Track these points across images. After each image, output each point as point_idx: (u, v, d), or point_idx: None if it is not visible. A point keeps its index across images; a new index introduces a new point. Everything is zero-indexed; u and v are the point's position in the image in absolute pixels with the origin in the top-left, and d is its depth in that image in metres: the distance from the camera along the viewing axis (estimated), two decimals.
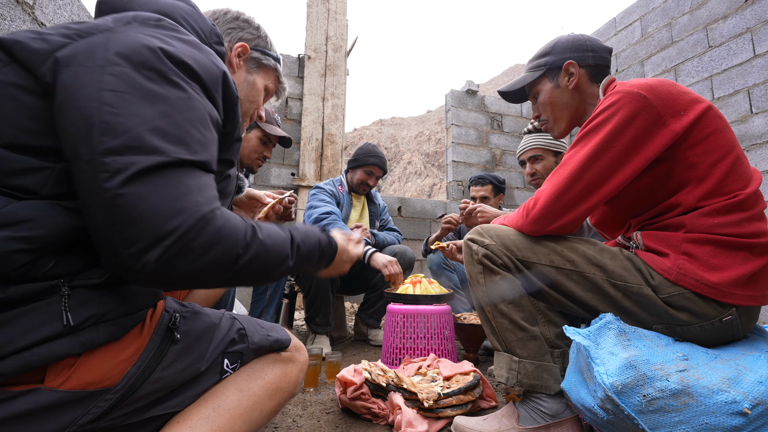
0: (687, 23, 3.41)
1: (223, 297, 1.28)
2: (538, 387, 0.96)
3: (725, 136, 0.89)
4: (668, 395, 0.71)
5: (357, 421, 1.17)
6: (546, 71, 1.13)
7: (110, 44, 0.52)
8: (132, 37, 0.54)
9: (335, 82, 4.14)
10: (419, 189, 30.37)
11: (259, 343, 0.70)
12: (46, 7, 1.30)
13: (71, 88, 0.49)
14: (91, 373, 0.50)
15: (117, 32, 0.54)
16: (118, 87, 0.49)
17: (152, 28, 0.58)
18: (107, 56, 0.51)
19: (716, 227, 0.85)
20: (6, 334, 0.44)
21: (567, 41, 1.11)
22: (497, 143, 4.74)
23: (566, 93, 1.11)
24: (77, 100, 0.48)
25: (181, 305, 0.66)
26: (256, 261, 0.55)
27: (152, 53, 0.53)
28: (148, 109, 0.50)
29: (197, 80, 0.57)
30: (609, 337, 0.80)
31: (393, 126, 43.29)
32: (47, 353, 0.46)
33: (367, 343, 2.32)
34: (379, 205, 2.53)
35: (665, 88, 0.89)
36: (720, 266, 0.83)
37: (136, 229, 0.46)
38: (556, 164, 1.86)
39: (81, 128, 0.47)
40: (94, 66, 0.50)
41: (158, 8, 0.66)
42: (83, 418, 0.50)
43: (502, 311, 0.99)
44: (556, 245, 0.96)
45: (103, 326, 0.51)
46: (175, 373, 0.58)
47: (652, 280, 0.88)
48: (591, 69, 1.10)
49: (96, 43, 0.52)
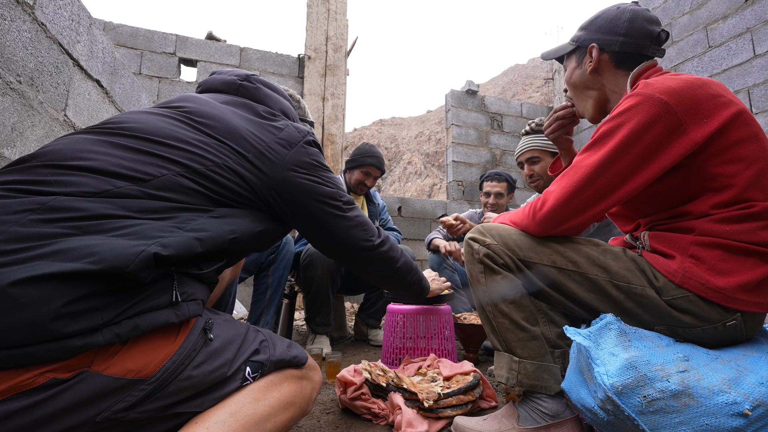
0: (687, 23, 3.41)
1: (224, 298, 1.28)
2: (539, 387, 0.96)
3: (752, 146, 0.84)
4: (669, 396, 0.70)
5: (357, 421, 1.17)
6: (575, 48, 1.08)
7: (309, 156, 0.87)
8: (314, 151, 0.88)
9: (335, 82, 4.14)
10: (419, 189, 30.37)
11: (280, 356, 0.74)
12: (47, 7, 1.30)
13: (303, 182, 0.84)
14: (132, 361, 0.55)
15: (307, 149, 0.87)
16: (326, 176, 0.89)
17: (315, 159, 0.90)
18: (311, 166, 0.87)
19: (728, 233, 0.82)
20: (127, 304, 0.55)
21: (604, 19, 1.03)
22: (497, 143, 4.73)
23: (586, 75, 1.06)
24: (311, 186, 0.85)
25: (213, 312, 0.71)
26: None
27: (323, 156, 0.93)
28: (338, 185, 0.93)
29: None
30: (609, 337, 0.80)
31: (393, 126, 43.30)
32: (152, 319, 0.56)
33: (367, 343, 2.32)
34: (378, 204, 2.53)
35: (692, 91, 0.83)
36: (727, 271, 0.82)
37: (370, 229, 0.97)
38: None
39: (322, 199, 0.87)
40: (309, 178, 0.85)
41: (282, 108, 0.95)
42: (117, 405, 0.53)
43: (503, 311, 0.99)
44: (558, 246, 0.96)
45: (191, 303, 0.62)
46: (204, 374, 0.61)
47: (656, 282, 0.87)
48: (616, 56, 1.01)
49: (300, 154, 0.85)
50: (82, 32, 1.51)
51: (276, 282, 1.89)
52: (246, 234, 0.75)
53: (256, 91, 0.93)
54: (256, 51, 4.37)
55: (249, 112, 0.86)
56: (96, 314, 0.52)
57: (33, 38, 1.24)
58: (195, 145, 0.73)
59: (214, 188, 0.72)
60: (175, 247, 0.59)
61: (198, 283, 0.66)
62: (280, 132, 0.84)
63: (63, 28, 1.40)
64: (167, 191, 0.67)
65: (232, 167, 0.75)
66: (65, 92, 1.42)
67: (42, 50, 1.28)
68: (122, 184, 0.64)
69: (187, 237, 0.62)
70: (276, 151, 0.81)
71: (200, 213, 0.69)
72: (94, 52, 1.60)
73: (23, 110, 1.19)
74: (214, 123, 0.78)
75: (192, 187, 0.70)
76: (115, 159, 0.66)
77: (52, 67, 1.34)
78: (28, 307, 0.47)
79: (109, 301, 0.54)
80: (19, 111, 1.17)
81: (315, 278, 1.95)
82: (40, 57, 1.27)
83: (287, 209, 0.83)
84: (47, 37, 1.31)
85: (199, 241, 0.64)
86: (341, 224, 0.90)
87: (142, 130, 0.72)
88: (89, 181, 0.62)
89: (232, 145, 0.77)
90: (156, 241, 0.58)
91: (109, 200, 0.61)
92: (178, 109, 0.81)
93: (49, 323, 0.48)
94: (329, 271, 1.96)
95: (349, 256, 0.96)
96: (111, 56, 1.75)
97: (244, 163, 0.76)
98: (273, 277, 1.89)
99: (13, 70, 1.15)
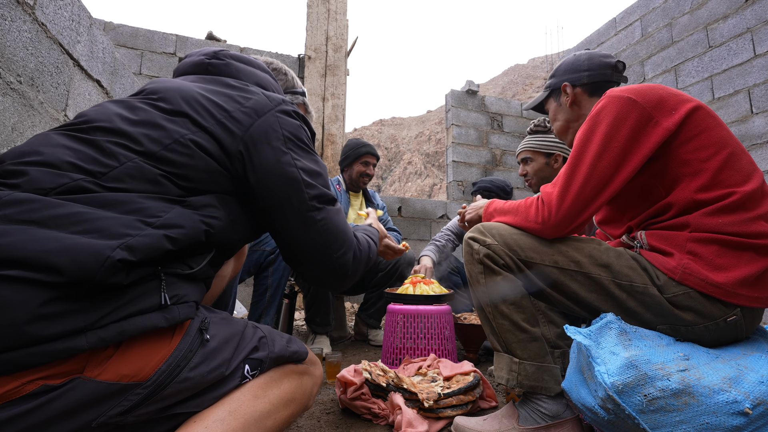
0: (687, 23, 3.41)
1: (224, 296, 1.28)
2: (539, 388, 0.96)
3: (717, 133, 0.91)
4: (669, 395, 0.70)
5: (357, 421, 1.17)
6: (551, 92, 1.29)
7: (282, 127, 0.77)
8: (291, 122, 0.78)
9: (335, 83, 4.14)
10: (419, 189, 30.36)
11: (279, 352, 0.72)
12: (47, 7, 1.30)
13: (271, 160, 0.73)
14: (126, 366, 0.53)
15: (279, 118, 0.77)
16: (301, 158, 0.77)
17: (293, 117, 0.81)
18: (283, 136, 0.76)
19: (721, 226, 0.85)
20: (110, 306, 0.53)
21: (567, 64, 1.24)
22: (497, 143, 4.74)
23: (566, 109, 1.24)
24: (281, 168, 0.74)
25: (210, 311, 0.69)
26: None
27: (304, 133, 0.81)
28: (317, 172, 0.79)
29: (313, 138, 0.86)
30: (610, 336, 0.80)
31: (393, 126, 43.30)
32: (140, 324, 0.54)
33: (367, 343, 2.32)
34: (378, 205, 2.54)
35: (654, 91, 0.94)
36: (725, 266, 0.83)
37: (338, 241, 0.78)
38: (546, 165, 1.88)
39: (293, 185, 0.74)
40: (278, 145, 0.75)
41: (258, 81, 0.86)
42: (113, 410, 0.52)
43: (503, 312, 0.99)
44: (561, 245, 0.96)
45: (182, 306, 0.60)
46: (201, 375, 0.60)
47: (657, 281, 0.88)
48: (587, 87, 1.20)
49: (270, 125, 0.76)
50: (83, 32, 1.51)
51: (276, 283, 1.89)
52: (222, 226, 0.68)
53: (227, 67, 0.85)
54: (256, 51, 4.37)
55: (217, 85, 0.79)
56: (77, 316, 0.50)
57: (33, 38, 1.24)
58: (152, 126, 0.68)
59: (176, 171, 0.66)
60: (143, 250, 0.55)
61: (190, 283, 0.63)
62: (247, 101, 0.75)
63: (63, 29, 1.40)
64: (129, 181, 0.62)
65: (189, 143, 0.67)
66: (65, 92, 1.42)
67: (42, 50, 1.28)
68: (79, 177, 0.60)
69: (156, 236, 0.58)
70: (239, 121, 0.72)
71: (169, 203, 0.63)
72: (94, 53, 1.60)
73: (23, 110, 1.19)
74: (172, 98, 0.72)
75: (153, 172, 0.64)
76: (71, 152, 0.62)
77: (53, 67, 1.34)
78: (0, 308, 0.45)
79: (92, 303, 0.51)
80: (20, 111, 1.17)
81: None
82: (40, 57, 1.27)
83: (255, 192, 0.74)
84: (47, 38, 1.31)
85: (170, 239, 0.59)
86: (304, 224, 0.75)
87: (100, 120, 0.68)
88: (44, 176, 0.58)
89: (191, 114, 0.70)
90: (122, 242, 0.54)
91: (68, 195, 0.58)
92: (141, 93, 0.77)
93: (25, 326, 0.45)
94: None
95: (305, 260, 0.79)
96: (111, 56, 1.75)
97: (205, 137, 0.69)
98: (273, 278, 1.89)
99: (13, 70, 1.15)
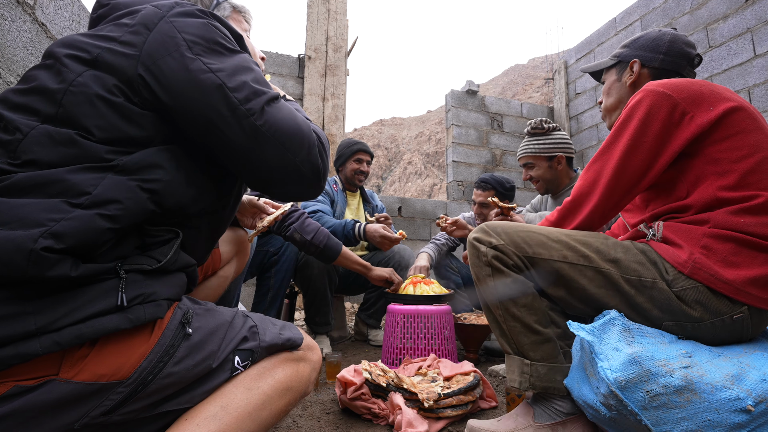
0: (687, 23, 3.41)
1: (227, 297, 1.28)
2: (551, 389, 0.95)
3: (754, 137, 0.88)
4: (672, 391, 0.70)
5: (357, 421, 1.17)
6: (617, 63, 1.17)
7: (181, 30, 0.62)
8: (191, 23, 0.63)
9: (335, 83, 4.14)
10: (419, 189, 30.37)
11: (271, 341, 0.69)
12: (47, 7, 1.30)
13: (178, 73, 0.59)
14: (103, 365, 0.51)
15: (175, 22, 0.63)
16: (216, 60, 0.62)
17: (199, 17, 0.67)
18: (184, 42, 0.61)
19: (742, 226, 0.84)
20: (65, 308, 0.49)
21: (647, 39, 1.12)
22: (497, 143, 4.74)
23: (624, 88, 1.14)
24: (193, 77, 0.59)
25: (194, 302, 0.67)
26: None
27: (215, 30, 0.65)
28: (242, 68, 0.64)
29: (238, 42, 0.70)
30: (613, 333, 0.80)
31: (393, 126, 43.32)
32: (99, 326, 0.50)
33: (367, 343, 2.31)
34: (377, 206, 2.55)
35: (693, 86, 0.91)
36: (738, 264, 0.83)
37: (296, 142, 0.64)
38: (549, 168, 1.85)
39: (215, 94, 0.60)
40: (182, 53, 0.60)
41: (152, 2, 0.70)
42: (95, 411, 0.51)
43: (515, 315, 0.97)
44: (569, 240, 0.95)
45: (149, 306, 0.56)
46: (186, 369, 0.58)
47: (666, 275, 0.87)
48: (655, 72, 1.10)
49: (165, 33, 0.61)
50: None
51: (278, 284, 1.89)
52: (168, 188, 0.59)
53: (113, 8, 0.70)
54: None
55: (103, 24, 0.68)
56: (27, 319, 0.46)
57: (33, 38, 1.24)
58: (42, 92, 0.57)
59: (86, 125, 0.55)
60: (73, 235, 0.48)
61: (159, 278, 0.58)
62: (134, 19, 0.63)
63: (63, 29, 1.40)
64: (38, 152, 0.53)
65: (82, 88, 0.57)
66: None
67: (42, 50, 1.28)
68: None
69: (87, 217, 0.50)
70: (130, 43, 0.60)
71: (99, 172, 0.54)
72: None
73: None
74: (56, 52, 0.61)
75: (62, 135, 0.54)
76: None
77: None
78: None
79: (43, 304, 0.47)
80: None
81: (312, 277, 1.96)
82: (40, 57, 1.27)
83: (179, 119, 0.62)
84: (48, 38, 1.31)
85: (107, 218, 0.51)
86: (246, 135, 0.62)
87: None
88: None
89: (77, 54, 0.60)
90: (45, 229, 0.47)
91: None
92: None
93: None
94: (326, 270, 1.97)
95: (271, 179, 0.68)
96: None
97: (97, 73, 0.58)
98: (275, 279, 1.89)
99: (13, 70, 1.15)
